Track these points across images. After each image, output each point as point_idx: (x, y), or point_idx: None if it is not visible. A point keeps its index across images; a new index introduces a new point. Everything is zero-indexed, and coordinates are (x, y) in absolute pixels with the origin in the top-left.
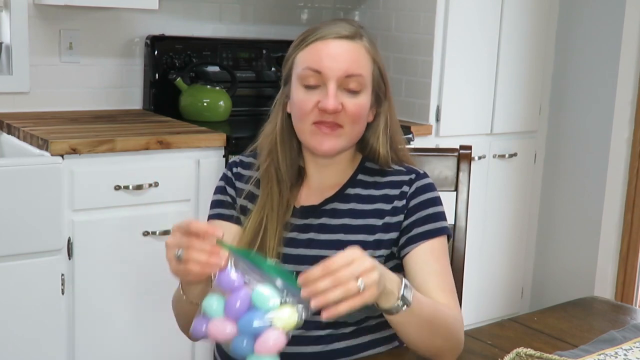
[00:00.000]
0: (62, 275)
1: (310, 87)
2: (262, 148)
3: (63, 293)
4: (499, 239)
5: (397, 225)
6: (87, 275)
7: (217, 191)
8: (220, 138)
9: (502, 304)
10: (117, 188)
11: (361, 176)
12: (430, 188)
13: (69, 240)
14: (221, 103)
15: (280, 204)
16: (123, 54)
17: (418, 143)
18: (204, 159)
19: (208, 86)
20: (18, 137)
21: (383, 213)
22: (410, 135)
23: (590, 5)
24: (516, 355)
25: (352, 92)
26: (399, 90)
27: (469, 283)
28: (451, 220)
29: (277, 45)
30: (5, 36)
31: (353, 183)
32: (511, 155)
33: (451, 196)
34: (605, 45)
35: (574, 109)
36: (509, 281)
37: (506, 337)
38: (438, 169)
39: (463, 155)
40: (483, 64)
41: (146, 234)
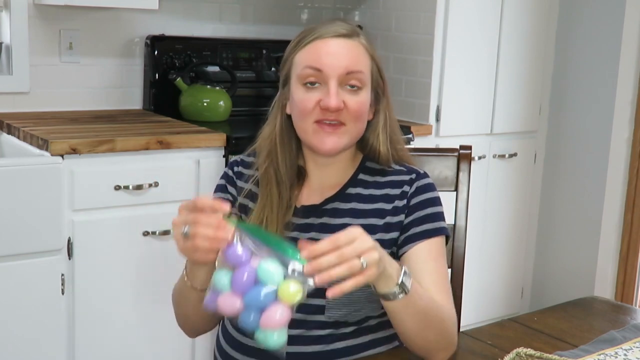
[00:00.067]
0: (62, 275)
1: (310, 86)
2: (261, 150)
3: (63, 293)
4: (499, 239)
5: (398, 225)
6: (87, 275)
7: (218, 189)
8: (220, 138)
9: (502, 304)
10: (117, 188)
11: (362, 176)
12: (430, 188)
13: (69, 240)
14: (221, 103)
15: (279, 206)
16: (123, 54)
17: (418, 143)
18: (204, 159)
19: (208, 86)
20: (18, 137)
21: (384, 213)
22: (410, 135)
23: (590, 5)
24: (516, 355)
25: (353, 90)
26: (399, 90)
27: (469, 283)
28: (451, 220)
29: (277, 45)
30: (5, 36)
31: (354, 183)
32: (511, 155)
33: (451, 196)
34: (605, 45)
35: (574, 109)
36: (509, 281)
37: (506, 337)
38: (438, 169)
39: (463, 155)
40: (483, 64)
41: (146, 234)
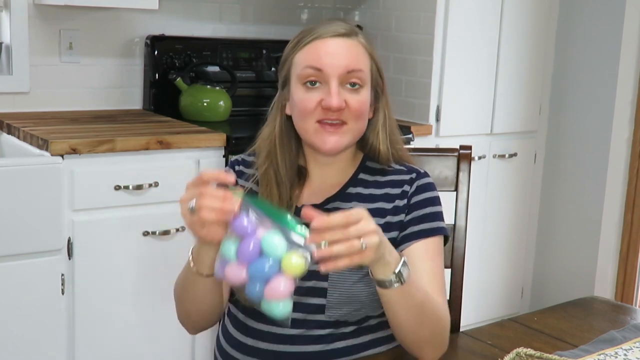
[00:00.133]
0: (62, 275)
1: (311, 86)
2: (260, 151)
3: (63, 293)
4: (499, 239)
5: (398, 224)
6: (87, 275)
7: None
8: (220, 138)
9: (502, 304)
10: (117, 188)
11: (362, 175)
12: (430, 187)
13: (69, 240)
14: (221, 103)
15: (280, 206)
16: (123, 54)
17: (418, 143)
18: (204, 159)
19: (208, 86)
20: (18, 137)
21: (384, 212)
22: (410, 135)
23: (590, 5)
24: (516, 355)
25: (354, 89)
26: (399, 90)
27: (469, 283)
28: (451, 220)
29: (277, 45)
30: (5, 36)
31: (354, 182)
32: (511, 155)
33: (451, 196)
34: (605, 45)
35: (574, 109)
36: (509, 281)
37: (506, 337)
38: (438, 169)
39: (463, 155)
40: (483, 64)
41: (146, 234)
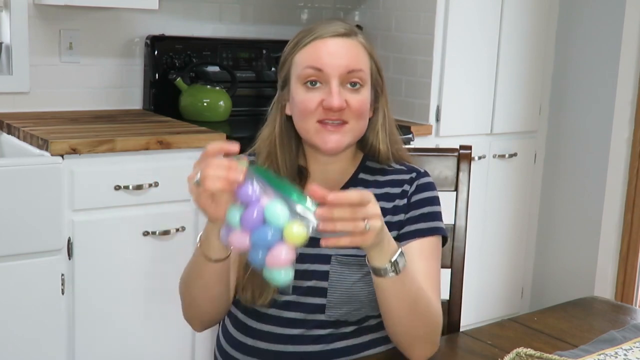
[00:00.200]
0: (62, 275)
1: (311, 86)
2: (260, 151)
3: (63, 293)
4: (499, 239)
5: (398, 224)
6: (87, 275)
7: None
8: (220, 138)
9: (502, 304)
10: (117, 188)
11: (362, 175)
12: (429, 187)
13: (69, 240)
14: (221, 103)
15: None
16: (123, 54)
17: (418, 143)
18: None
19: (208, 86)
20: (18, 137)
21: (384, 212)
22: (410, 135)
23: (590, 5)
24: (516, 355)
25: (355, 88)
26: (399, 90)
27: (469, 283)
28: (451, 220)
29: (277, 45)
30: (5, 36)
31: (354, 182)
32: (511, 155)
33: (451, 196)
34: (605, 45)
35: (574, 109)
36: (509, 281)
37: (506, 337)
38: (438, 169)
39: (463, 155)
40: (483, 64)
41: (146, 234)
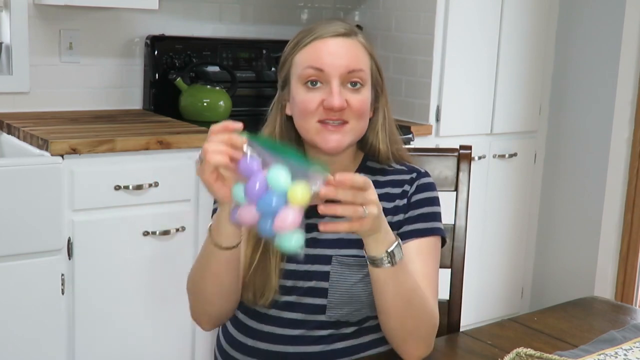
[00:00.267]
0: (62, 275)
1: (312, 86)
2: None
3: (63, 293)
4: (499, 239)
5: (397, 224)
6: (87, 275)
7: None
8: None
9: (502, 304)
10: (117, 188)
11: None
12: (429, 187)
13: (69, 240)
14: (221, 103)
15: None
16: (123, 54)
17: (418, 143)
18: None
19: (208, 86)
20: (18, 137)
21: (385, 212)
22: (410, 135)
23: (590, 5)
24: (516, 355)
25: (355, 88)
26: (399, 90)
27: (469, 283)
28: (451, 220)
29: (277, 45)
30: (5, 36)
31: None
32: (511, 155)
33: (451, 196)
34: (605, 45)
35: (574, 109)
36: (509, 281)
37: (506, 337)
38: (438, 169)
39: (463, 155)
40: (483, 64)
41: (146, 234)
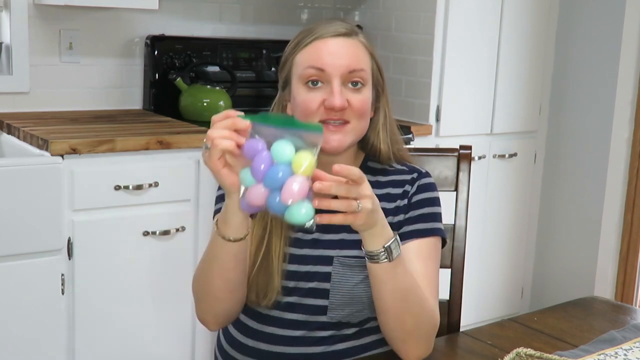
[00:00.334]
0: (62, 275)
1: (312, 86)
2: None
3: (63, 293)
4: (499, 239)
5: (398, 224)
6: (87, 275)
7: (219, 200)
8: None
9: (502, 304)
10: (117, 188)
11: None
12: (430, 188)
13: (69, 240)
14: (221, 103)
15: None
16: (123, 54)
17: (418, 143)
18: None
19: (208, 86)
20: (18, 137)
21: (386, 212)
22: (410, 135)
23: (590, 5)
24: (516, 355)
25: (356, 88)
26: (399, 90)
27: (469, 283)
28: (451, 220)
29: (277, 45)
30: (5, 36)
31: None
32: (511, 155)
33: (451, 196)
34: (605, 45)
35: (574, 109)
36: (509, 281)
37: (506, 337)
38: (438, 169)
39: (463, 155)
40: (483, 64)
41: (146, 234)
